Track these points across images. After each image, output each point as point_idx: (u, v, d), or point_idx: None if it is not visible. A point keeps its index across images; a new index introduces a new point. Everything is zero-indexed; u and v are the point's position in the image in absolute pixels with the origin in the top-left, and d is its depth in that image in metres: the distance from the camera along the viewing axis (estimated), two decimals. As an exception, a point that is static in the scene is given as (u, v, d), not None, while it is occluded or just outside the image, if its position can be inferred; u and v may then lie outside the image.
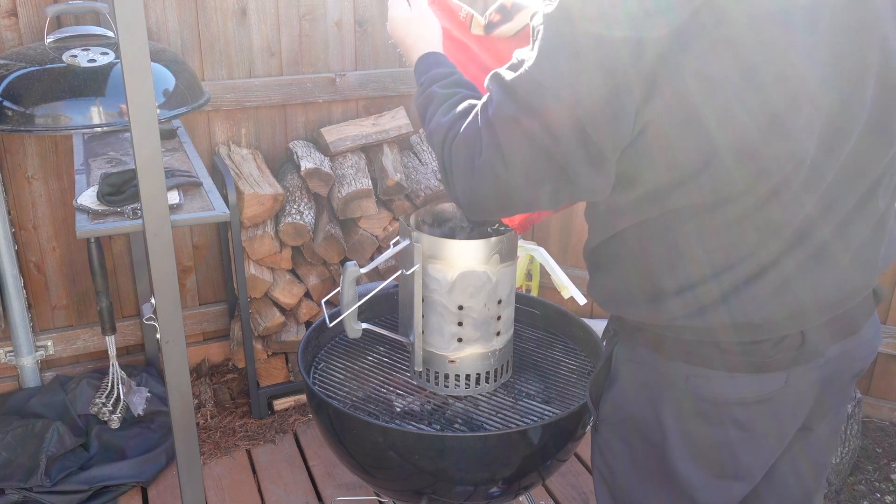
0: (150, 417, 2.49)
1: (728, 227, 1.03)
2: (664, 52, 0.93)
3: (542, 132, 0.98)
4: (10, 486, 2.19)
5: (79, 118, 1.83)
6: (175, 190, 1.65)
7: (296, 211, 2.53)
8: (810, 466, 1.32)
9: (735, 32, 0.93)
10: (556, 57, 0.96)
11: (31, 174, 2.46)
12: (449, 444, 1.47)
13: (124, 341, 2.73)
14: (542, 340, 1.89)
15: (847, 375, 1.24)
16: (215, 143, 2.68)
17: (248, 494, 2.32)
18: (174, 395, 1.46)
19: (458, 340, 1.55)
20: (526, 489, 1.67)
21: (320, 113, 2.79)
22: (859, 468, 2.53)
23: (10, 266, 2.44)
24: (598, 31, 0.93)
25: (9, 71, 1.89)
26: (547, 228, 3.06)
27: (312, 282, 2.62)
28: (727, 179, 0.99)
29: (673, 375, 1.15)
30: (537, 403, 1.63)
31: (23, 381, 2.59)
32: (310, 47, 2.70)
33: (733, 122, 0.95)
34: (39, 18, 2.32)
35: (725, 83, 0.94)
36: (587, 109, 0.96)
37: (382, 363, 1.77)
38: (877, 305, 1.24)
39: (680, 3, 0.92)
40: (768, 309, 1.07)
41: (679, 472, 1.19)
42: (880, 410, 2.76)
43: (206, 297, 2.85)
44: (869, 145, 1.06)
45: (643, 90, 0.94)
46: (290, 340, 2.59)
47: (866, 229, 1.13)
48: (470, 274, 1.50)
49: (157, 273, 1.37)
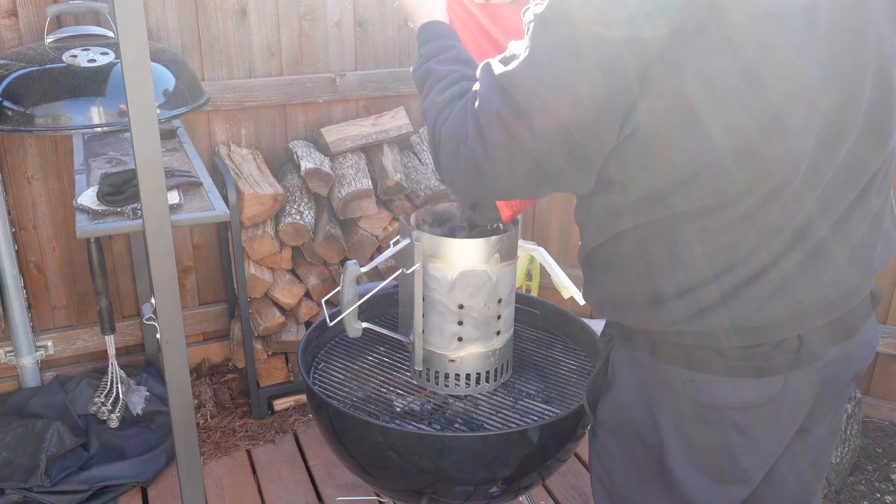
0: (150, 417, 2.49)
1: (728, 229, 1.03)
2: (664, 52, 0.93)
3: (526, 131, 0.99)
4: (10, 486, 2.19)
5: (79, 118, 1.83)
6: (175, 190, 1.65)
7: (296, 211, 2.53)
8: (810, 467, 1.32)
9: (735, 32, 0.93)
10: (551, 58, 0.96)
11: (31, 174, 2.46)
12: (449, 444, 1.47)
13: (124, 341, 2.73)
14: (542, 340, 1.89)
15: (846, 377, 1.24)
16: (215, 143, 2.68)
17: (248, 494, 2.32)
18: (174, 395, 1.46)
19: (459, 340, 1.55)
20: (526, 489, 1.67)
21: (320, 113, 2.79)
22: (859, 468, 2.53)
23: (10, 266, 2.44)
24: (598, 31, 0.93)
25: (9, 71, 1.89)
26: (547, 228, 3.07)
27: (312, 282, 2.62)
28: (728, 180, 0.99)
29: (671, 379, 1.14)
30: (537, 403, 1.63)
31: (23, 381, 2.59)
32: (310, 47, 2.70)
33: (733, 122, 0.95)
34: (39, 18, 2.32)
35: (725, 83, 0.94)
36: (582, 111, 0.96)
37: (382, 363, 1.77)
38: (874, 307, 1.24)
39: (680, 3, 0.92)
40: (768, 310, 1.07)
41: (678, 477, 1.18)
42: (880, 410, 2.76)
43: (206, 297, 2.85)
44: (865, 144, 1.06)
45: (642, 91, 0.95)
46: (290, 340, 2.59)
47: (863, 227, 1.13)
48: (470, 273, 1.50)
49: (157, 273, 1.37)
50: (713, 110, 0.95)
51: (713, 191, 1.00)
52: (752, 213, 1.02)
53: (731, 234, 1.03)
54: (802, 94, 0.97)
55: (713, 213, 1.02)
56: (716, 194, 1.00)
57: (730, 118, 0.95)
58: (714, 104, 0.94)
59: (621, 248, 1.12)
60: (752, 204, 1.01)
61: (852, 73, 1.00)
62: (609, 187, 1.07)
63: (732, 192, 1.00)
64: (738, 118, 0.95)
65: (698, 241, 1.05)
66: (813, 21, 0.96)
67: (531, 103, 0.97)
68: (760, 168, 0.98)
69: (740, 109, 0.95)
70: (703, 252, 1.05)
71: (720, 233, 1.03)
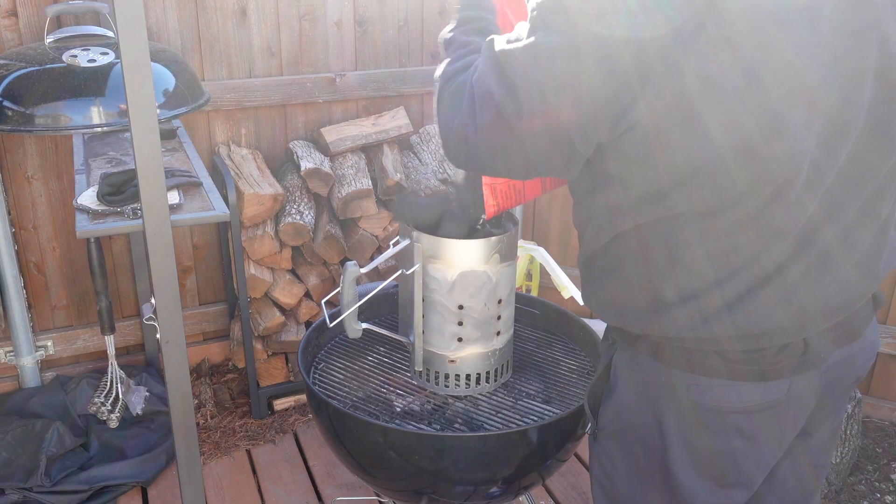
0: (150, 417, 2.49)
1: (730, 232, 1.03)
2: (664, 52, 0.93)
3: (514, 112, 1.00)
4: (10, 486, 2.19)
5: (79, 118, 1.83)
6: (175, 190, 1.65)
7: (296, 211, 2.53)
8: (810, 468, 1.32)
9: (735, 32, 0.93)
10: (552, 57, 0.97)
11: (31, 174, 2.46)
12: (449, 444, 1.47)
13: (124, 341, 2.73)
14: (542, 340, 1.89)
15: (848, 381, 1.23)
16: (215, 143, 2.68)
17: (248, 494, 2.32)
18: (174, 395, 1.46)
19: (458, 340, 1.55)
20: (526, 489, 1.67)
21: (320, 113, 2.79)
22: (859, 468, 2.53)
23: (10, 266, 2.44)
24: (598, 31, 0.93)
25: (9, 71, 1.89)
26: (547, 228, 3.07)
27: (312, 282, 2.62)
28: (728, 179, 0.98)
29: (674, 384, 1.13)
30: (537, 403, 1.63)
31: (23, 381, 2.59)
32: (310, 47, 2.70)
33: (733, 122, 0.95)
34: (39, 18, 2.32)
35: (725, 83, 0.93)
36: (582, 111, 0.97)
37: (382, 363, 1.77)
38: (876, 310, 1.24)
39: (680, 3, 0.92)
40: (774, 317, 1.07)
41: (680, 481, 1.18)
42: (880, 410, 2.76)
43: (206, 297, 2.85)
44: (870, 148, 1.05)
45: (642, 90, 0.95)
46: (290, 340, 2.59)
47: (869, 236, 1.12)
48: (470, 274, 1.50)
49: (157, 273, 1.37)
50: (713, 110, 0.95)
51: (713, 191, 0.99)
52: (754, 215, 1.01)
53: (733, 237, 1.03)
54: (802, 95, 0.96)
55: (715, 215, 1.02)
56: (716, 195, 1.00)
57: (729, 118, 0.95)
58: (714, 104, 0.94)
59: (622, 250, 1.12)
60: (754, 206, 1.01)
61: (853, 74, 1.00)
62: (609, 184, 1.07)
63: (733, 194, 0.99)
64: (737, 118, 0.95)
65: (700, 244, 1.04)
66: (813, 21, 0.96)
67: (531, 99, 0.98)
68: (761, 168, 0.98)
69: (740, 109, 0.95)
70: (705, 254, 1.04)
71: (722, 236, 1.03)
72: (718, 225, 1.02)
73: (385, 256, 1.55)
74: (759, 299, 1.06)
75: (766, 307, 1.06)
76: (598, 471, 1.31)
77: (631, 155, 1.00)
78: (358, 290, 1.54)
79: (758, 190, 0.99)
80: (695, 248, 1.05)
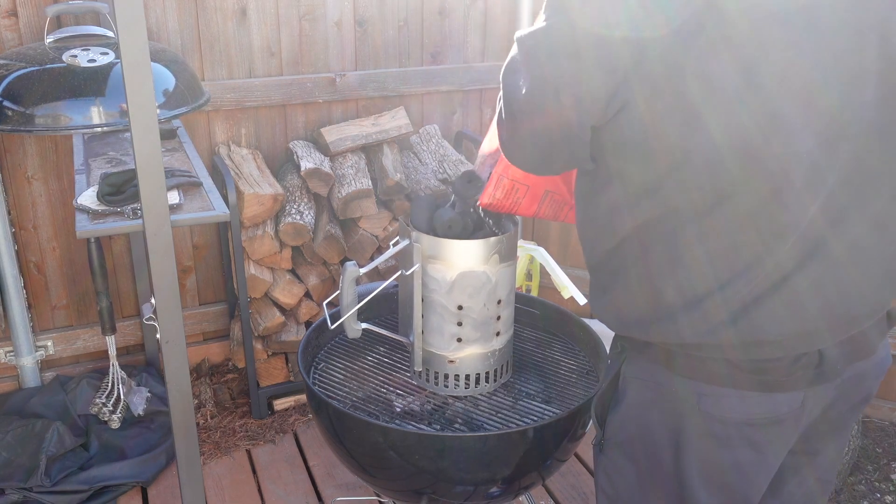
0: (150, 417, 2.49)
1: (729, 231, 1.02)
2: (664, 52, 0.93)
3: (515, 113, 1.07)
4: (10, 486, 2.19)
5: (79, 118, 1.83)
6: (175, 190, 1.65)
7: (296, 211, 2.53)
8: (817, 483, 1.31)
9: (735, 32, 0.93)
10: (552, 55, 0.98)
11: (31, 174, 2.46)
12: (449, 444, 1.47)
13: (124, 341, 2.73)
14: (542, 340, 1.89)
15: (857, 396, 1.21)
16: (215, 143, 2.68)
17: (248, 494, 2.32)
18: (174, 395, 1.46)
19: (458, 340, 1.55)
20: (526, 489, 1.67)
21: (320, 113, 2.79)
22: (859, 468, 2.53)
23: (10, 266, 2.44)
24: (598, 31, 0.93)
25: (9, 71, 1.89)
26: (547, 228, 3.07)
27: (312, 282, 2.62)
28: (727, 178, 0.98)
29: (684, 393, 1.12)
30: (537, 403, 1.63)
31: (23, 381, 2.59)
32: (310, 47, 2.70)
33: (733, 122, 0.95)
34: (39, 18, 2.32)
35: (725, 83, 0.93)
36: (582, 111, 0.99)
37: (382, 363, 1.77)
38: (890, 328, 1.21)
39: (680, 3, 0.92)
40: (782, 327, 1.05)
41: (689, 493, 1.16)
42: (880, 410, 2.75)
43: (206, 297, 2.85)
44: (873, 150, 1.03)
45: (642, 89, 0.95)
46: (290, 340, 2.59)
47: (886, 246, 1.09)
48: (469, 274, 1.50)
49: (157, 273, 1.37)
50: (713, 110, 0.94)
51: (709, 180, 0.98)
52: (753, 213, 1.01)
53: (733, 236, 1.02)
54: (801, 94, 0.96)
55: (713, 212, 1.01)
56: (712, 186, 0.99)
57: (729, 118, 0.95)
58: (714, 104, 0.94)
59: (625, 255, 1.11)
60: (753, 204, 1.00)
61: (853, 74, 0.99)
62: (609, 183, 1.07)
63: (729, 187, 0.99)
64: (737, 118, 0.95)
65: (699, 244, 1.03)
66: (813, 20, 0.96)
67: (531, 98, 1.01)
68: (760, 166, 0.97)
69: (739, 109, 0.94)
70: (705, 254, 1.04)
71: (721, 235, 1.02)
72: (717, 224, 1.02)
73: (385, 257, 1.55)
74: (766, 308, 1.04)
75: (773, 316, 1.04)
76: (605, 482, 1.28)
77: (631, 152, 1.00)
78: (358, 290, 1.54)
79: (755, 186, 0.99)
80: (695, 248, 1.04)
